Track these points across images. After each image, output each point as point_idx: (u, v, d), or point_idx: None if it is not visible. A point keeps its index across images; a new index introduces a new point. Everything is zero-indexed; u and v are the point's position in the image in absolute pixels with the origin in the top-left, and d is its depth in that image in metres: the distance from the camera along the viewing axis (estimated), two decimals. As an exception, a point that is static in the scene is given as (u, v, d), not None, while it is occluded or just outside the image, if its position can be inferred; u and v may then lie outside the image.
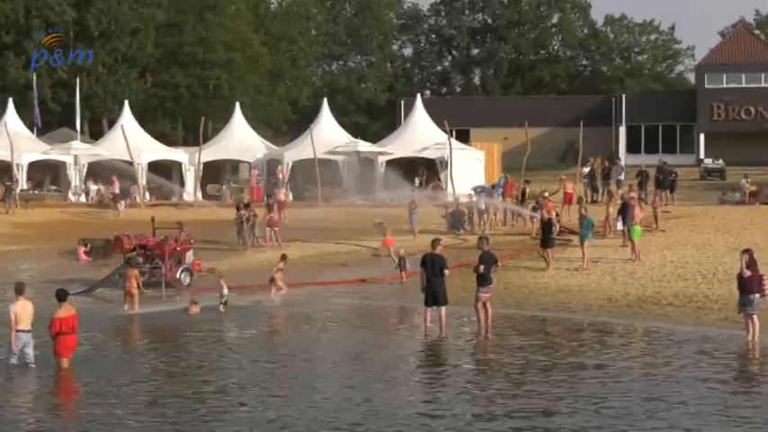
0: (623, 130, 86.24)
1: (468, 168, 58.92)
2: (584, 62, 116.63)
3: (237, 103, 66.85)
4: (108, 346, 24.53)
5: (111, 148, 59.85)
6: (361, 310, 29.86)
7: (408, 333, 26.18)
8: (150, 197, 58.39)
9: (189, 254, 35.53)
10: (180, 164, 60.98)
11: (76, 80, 69.76)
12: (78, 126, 68.20)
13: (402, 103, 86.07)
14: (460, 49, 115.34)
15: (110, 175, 57.51)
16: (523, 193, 46.68)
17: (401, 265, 33.70)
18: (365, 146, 60.86)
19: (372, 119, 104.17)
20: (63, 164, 59.76)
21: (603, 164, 56.14)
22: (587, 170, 53.91)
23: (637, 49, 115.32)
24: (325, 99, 66.32)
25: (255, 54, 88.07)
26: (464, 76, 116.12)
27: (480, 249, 25.69)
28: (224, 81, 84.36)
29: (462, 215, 45.21)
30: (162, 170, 60.15)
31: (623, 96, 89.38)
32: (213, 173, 61.69)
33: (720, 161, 72.90)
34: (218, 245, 41.77)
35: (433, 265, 24.85)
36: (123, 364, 22.00)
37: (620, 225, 37.75)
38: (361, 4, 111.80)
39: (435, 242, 25.63)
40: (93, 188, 58.33)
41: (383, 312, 29.57)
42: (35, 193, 58.91)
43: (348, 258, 38.82)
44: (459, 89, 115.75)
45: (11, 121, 61.32)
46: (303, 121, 74.82)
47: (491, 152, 65.40)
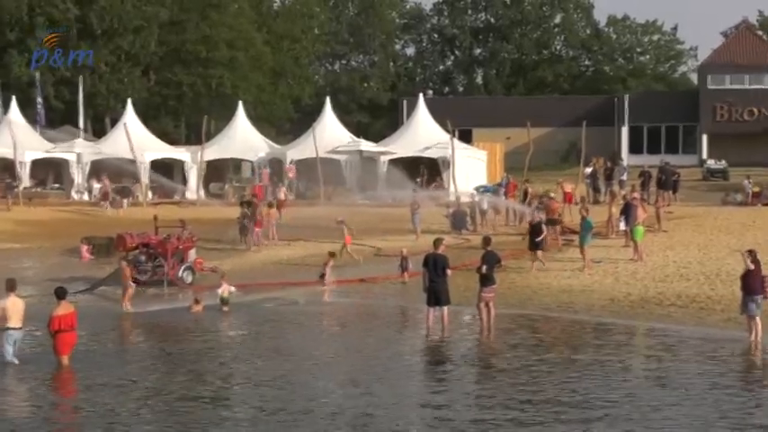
0: (626, 131, 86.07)
1: (471, 168, 58.92)
2: (586, 62, 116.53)
3: (240, 102, 66.89)
4: (110, 344, 24.59)
5: (114, 146, 59.92)
6: (362, 309, 29.90)
7: (410, 333, 26.18)
8: (153, 196, 58.43)
9: (191, 252, 35.62)
10: (182, 162, 61.03)
11: (79, 78, 69.81)
12: (81, 124, 68.31)
13: (404, 102, 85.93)
14: (463, 48, 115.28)
15: (112, 173, 57.59)
16: (525, 194, 46.67)
17: (403, 266, 33.68)
18: (367, 145, 60.88)
19: (375, 118, 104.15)
20: (66, 162, 59.82)
21: (606, 164, 56.12)
22: (590, 170, 53.86)
23: (639, 50, 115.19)
24: (328, 98, 66.35)
25: (258, 53, 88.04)
26: (466, 75, 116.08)
27: (483, 249, 25.73)
28: (227, 79, 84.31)
29: (465, 215, 45.25)
30: (164, 169, 60.26)
31: (626, 97, 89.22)
32: (216, 171, 61.72)
33: (723, 162, 72.82)
34: (220, 243, 41.77)
35: (435, 265, 24.85)
36: (124, 360, 22.01)
37: (622, 225, 37.68)
38: (363, 3, 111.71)
39: (438, 242, 25.62)
40: (96, 186, 58.33)
41: (385, 312, 29.53)
42: (38, 190, 58.99)
43: (349, 258, 38.78)
44: (462, 89, 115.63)
45: (14, 118, 61.34)
46: (305, 119, 74.71)
47: (493, 152, 65.42)
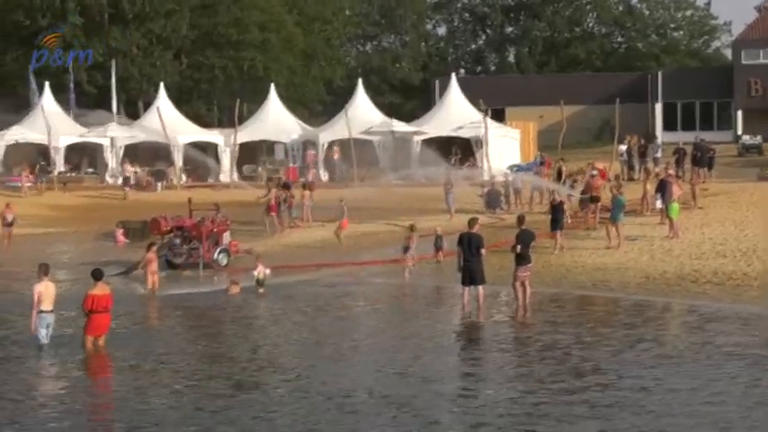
0: (659, 108, 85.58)
1: (504, 147, 58.86)
2: (619, 39, 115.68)
3: (272, 84, 66.92)
4: (144, 326, 24.71)
5: (147, 130, 60.16)
6: (397, 289, 29.88)
7: (445, 313, 26.16)
8: (187, 179, 58.63)
9: (226, 235, 35.73)
10: (215, 145, 61.21)
11: (112, 63, 69.99)
12: (114, 108, 68.40)
13: (437, 82, 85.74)
14: (494, 27, 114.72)
15: (146, 157, 57.91)
16: (559, 172, 46.44)
17: (438, 245, 33.64)
18: (400, 125, 60.82)
19: (407, 98, 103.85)
20: (100, 146, 60.07)
21: (640, 141, 55.82)
22: (624, 148, 53.57)
23: (672, 26, 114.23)
24: (360, 79, 66.35)
25: (289, 35, 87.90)
26: (498, 54, 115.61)
27: (518, 228, 25.67)
28: (258, 62, 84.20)
29: (499, 194, 45.19)
30: (198, 152, 60.40)
31: (659, 73, 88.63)
32: (249, 154, 61.84)
33: (758, 137, 72.23)
34: (255, 226, 41.83)
35: (470, 245, 24.82)
36: (162, 342, 22.09)
37: (659, 203, 37.48)
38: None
39: (472, 221, 25.59)
40: (130, 170, 58.59)
41: (420, 292, 29.54)
42: (73, 175, 59.31)
43: (385, 238, 38.75)
44: (494, 68, 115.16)
45: (48, 104, 61.65)
46: (338, 101, 74.67)
47: (526, 131, 65.28)
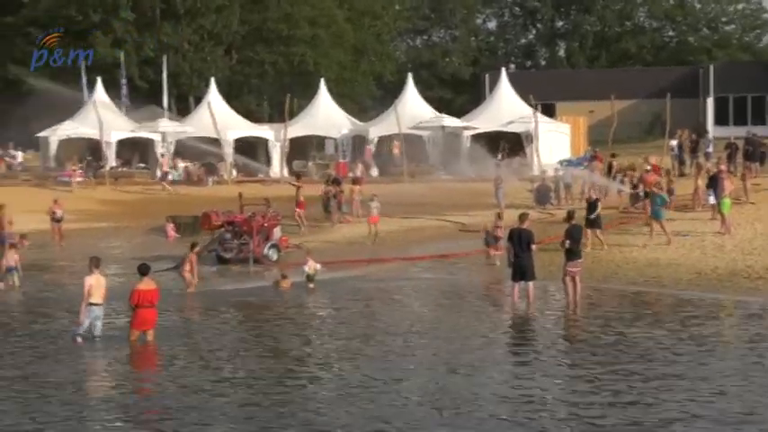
0: (711, 102, 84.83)
1: (554, 142, 58.64)
2: (670, 33, 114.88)
3: (322, 79, 67.04)
4: (193, 321, 24.84)
5: (198, 125, 60.46)
6: (447, 285, 29.88)
7: (495, 308, 26.13)
8: (237, 174, 58.87)
9: (276, 230, 35.89)
10: (266, 140, 61.37)
11: (163, 58, 70.39)
12: (165, 104, 68.83)
13: (487, 77, 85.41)
14: (545, 21, 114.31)
15: (195, 153, 58.21)
16: (610, 167, 46.18)
17: (488, 241, 33.55)
18: (450, 120, 60.67)
19: (457, 93, 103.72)
20: (151, 141, 60.45)
21: (691, 136, 55.40)
22: (675, 143, 53.18)
23: (724, 19, 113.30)
24: (410, 74, 66.26)
25: (339, 30, 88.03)
26: (549, 48, 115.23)
27: (568, 223, 25.59)
28: (308, 57, 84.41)
29: (549, 190, 45.05)
30: (248, 147, 60.62)
31: (711, 67, 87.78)
32: (299, 149, 61.96)
33: (811, 132, 71.58)
34: (305, 221, 41.93)
35: (520, 240, 24.80)
36: (209, 338, 22.15)
37: (712, 199, 37.14)
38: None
39: (523, 216, 25.59)
40: (181, 165, 58.90)
41: (470, 288, 29.52)
42: (124, 170, 59.71)
43: (435, 233, 38.76)
44: (544, 62, 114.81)
45: (99, 99, 62.07)
46: (387, 96, 74.71)
47: (577, 126, 64.98)
